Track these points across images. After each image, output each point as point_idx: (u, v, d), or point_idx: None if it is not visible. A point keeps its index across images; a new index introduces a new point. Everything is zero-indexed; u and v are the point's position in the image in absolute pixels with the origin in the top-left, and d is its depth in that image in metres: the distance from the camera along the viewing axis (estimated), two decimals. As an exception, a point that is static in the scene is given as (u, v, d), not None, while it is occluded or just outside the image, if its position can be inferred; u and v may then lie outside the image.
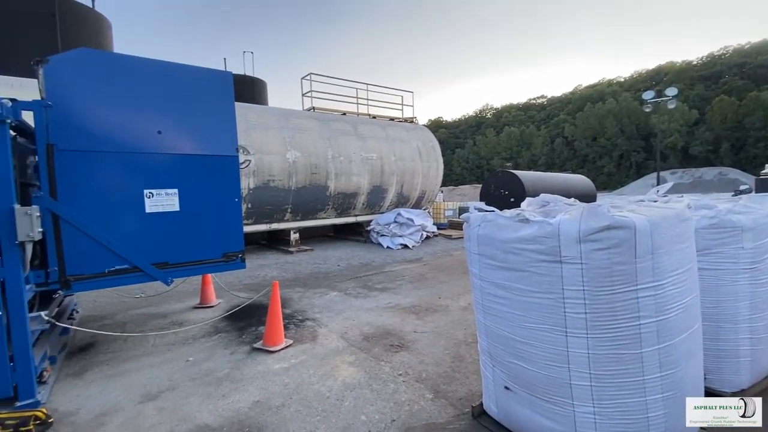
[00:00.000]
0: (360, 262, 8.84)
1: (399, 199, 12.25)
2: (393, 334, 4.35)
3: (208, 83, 3.97)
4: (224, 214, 4.03)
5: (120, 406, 3.00)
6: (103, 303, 5.73)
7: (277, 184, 9.54)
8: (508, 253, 2.15)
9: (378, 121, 12.75)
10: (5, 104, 2.77)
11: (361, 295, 6.05)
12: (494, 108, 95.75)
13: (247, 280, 7.18)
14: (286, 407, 2.92)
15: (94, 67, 3.36)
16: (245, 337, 4.36)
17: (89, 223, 3.28)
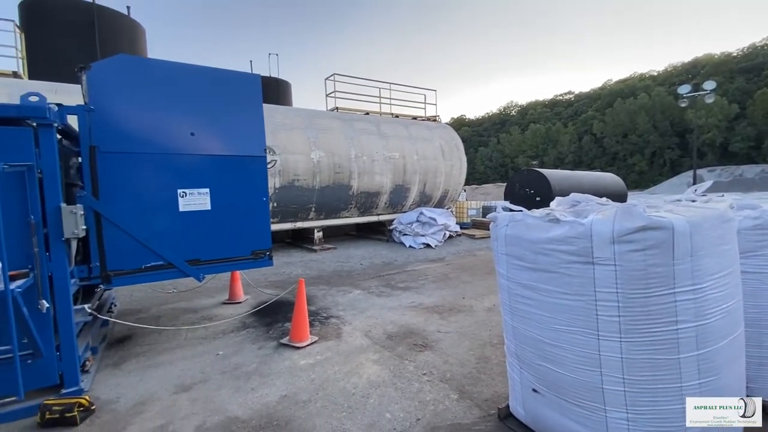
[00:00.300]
0: (382, 260, 8.88)
1: (421, 199, 12.21)
2: (416, 334, 4.35)
3: (238, 85, 4.08)
4: (253, 212, 4.14)
5: (156, 396, 3.15)
6: (139, 297, 6.00)
7: (302, 184, 9.71)
8: (538, 253, 2.11)
9: (400, 120, 12.74)
10: (52, 109, 2.94)
11: (384, 293, 6.08)
12: (519, 105, 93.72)
13: (272, 277, 7.35)
14: (313, 402, 2.98)
15: (133, 72, 3.52)
16: (272, 333, 4.47)
17: (128, 221, 3.45)
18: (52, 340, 2.96)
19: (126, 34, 11.89)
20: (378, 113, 12.77)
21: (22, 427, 2.76)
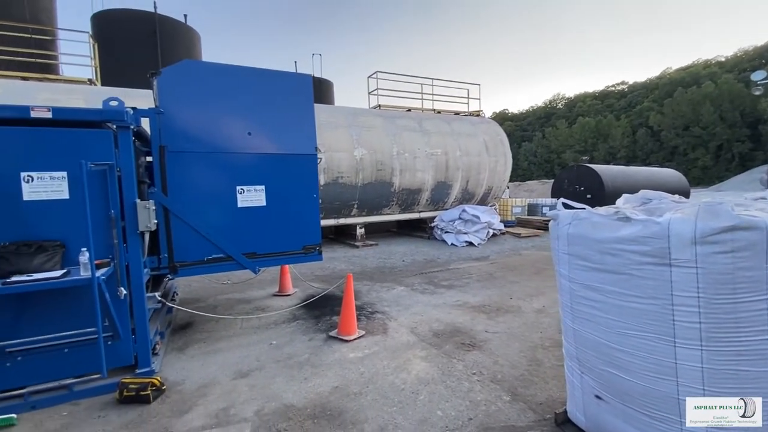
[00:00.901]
0: (424, 258, 8.84)
1: (464, 196, 12.00)
2: (463, 333, 4.29)
3: (290, 86, 4.22)
4: (304, 208, 4.28)
5: (217, 380, 3.35)
6: (197, 288, 6.41)
7: (345, 181, 9.88)
8: (605, 253, 2.00)
9: (443, 116, 12.58)
10: (129, 112, 3.20)
11: (427, 291, 6.05)
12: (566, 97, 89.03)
13: (318, 272, 7.56)
14: (364, 395, 3.04)
15: (196, 75, 3.75)
16: (321, 326, 4.60)
17: (192, 216, 3.69)
18: (128, 324, 3.24)
19: (183, 40, 12.68)
20: (420, 110, 12.69)
21: (103, 403, 3.04)
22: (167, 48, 11.68)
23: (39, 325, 2.94)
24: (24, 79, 8.07)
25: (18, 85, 7.52)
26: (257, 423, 2.71)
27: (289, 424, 2.69)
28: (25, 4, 9.84)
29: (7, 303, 2.84)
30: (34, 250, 2.82)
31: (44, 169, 2.91)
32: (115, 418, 2.82)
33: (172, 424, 2.72)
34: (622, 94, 77.87)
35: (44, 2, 10.71)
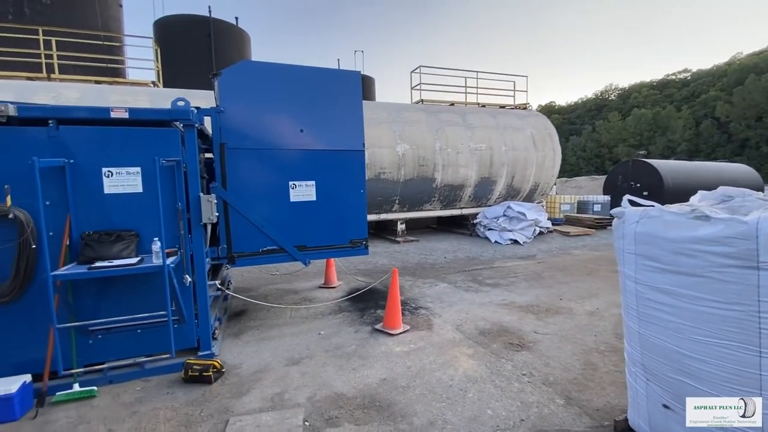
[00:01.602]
0: (466, 255, 8.70)
1: (509, 192, 11.65)
2: (511, 332, 4.19)
3: (340, 82, 4.30)
4: (352, 203, 4.36)
5: (271, 366, 3.52)
6: (249, 278, 6.75)
7: (387, 177, 9.93)
8: (679, 254, 1.87)
9: (488, 109, 12.25)
10: (194, 111, 3.42)
11: (471, 289, 5.96)
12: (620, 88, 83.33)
13: (360, 266, 7.68)
14: (411, 389, 3.06)
15: (254, 75, 3.92)
16: (366, 318, 4.68)
17: (249, 209, 3.88)
18: (192, 309, 3.48)
19: (235, 42, 13.29)
20: (464, 103, 12.44)
21: (170, 381, 3.29)
22: (220, 49, 12.31)
23: (116, 307, 3.23)
24: (97, 82, 8.84)
25: (93, 89, 8.26)
26: (310, 409, 2.82)
27: (340, 413, 2.78)
28: (98, 14, 10.77)
29: (90, 286, 3.16)
30: (114, 238, 3.10)
31: (122, 164, 3.19)
32: (182, 396, 3.05)
33: (232, 405, 2.90)
34: (684, 82, 71.66)
35: (113, 11, 11.65)
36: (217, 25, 12.61)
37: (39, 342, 2.98)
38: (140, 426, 2.68)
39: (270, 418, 2.69)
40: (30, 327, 3.00)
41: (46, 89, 7.67)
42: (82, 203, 3.09)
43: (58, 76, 8.64)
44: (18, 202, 2.89)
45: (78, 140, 3.07)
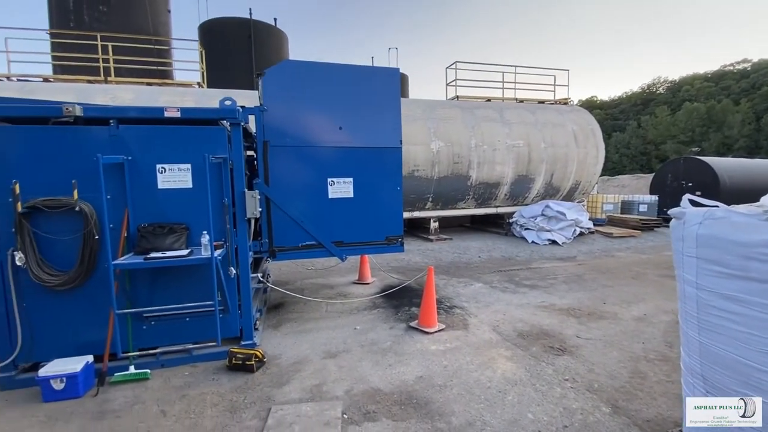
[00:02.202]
0: (502, 255, 8.51)
1: (547, 190, 11.26)
2: (551, 336, 4.06)
3: (379, 80, 4.31)
4: (388, 200, 4.37)
5: (309, 358, 3.61)
6: (286, 272, 6.95)
7: (421, 174, 9.87)
8: (750, 259, 1.73)
9: (526, 105, 11.87)
10: (240, 110, 3.54)
11: (508, 289, 5.82)
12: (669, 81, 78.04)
13: (393, 263, 7.70)
14: (449, 388, 3.04)
15: (296, 74, 4.01)
16: (400, 315, 4.69)
17: (289, 205, 3.99)
18: (236, 299, 3.63)
19: (274, 42, 13.67)
20: (501, 99, 12.12)
21: (215, 367, 3.45)
22: (260, 50, 12.71)
23: (167, 296, 3.42)
24: (148, 84, 9.39)
25: (145, 90, 8.77)
26: (348, 402, 2.87)
27: (377, 407, 2.80)
28: (149, 20, 11.42)
29: (145, 275, 3.37)
30: (166, 231, 3.28)
31: (174, 161, 3.36)
32: (226, 382, 3.19)
33: (273, 394, 3.00)
34: (743, 73, 66.09)
35: (163, 17, 12.31)
36: (257, 27, 13.02)
37: (100, 326, 3.22)
38: (189, 409, 2.83)
39: (310, 408, 2.76)
40: (92, 311, 3.24)
41: (103, 91, 8.23)
42: (139, 197, 3.30)
43: (114, 79, 9.25)
44: (83, 196, 3.12)
45: (135, 138, 3.27)
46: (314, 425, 2.56)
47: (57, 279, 3.12)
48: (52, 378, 2.93)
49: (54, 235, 3.11)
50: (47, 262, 3.13)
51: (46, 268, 3.11)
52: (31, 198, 3.04)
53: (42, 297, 3.15)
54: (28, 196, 3.03)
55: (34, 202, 3.03)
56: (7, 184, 2.98)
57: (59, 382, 2.93)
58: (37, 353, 3.20)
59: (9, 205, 3.00)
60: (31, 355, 3.19)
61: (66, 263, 3.16)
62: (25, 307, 3.13)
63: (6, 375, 3.11)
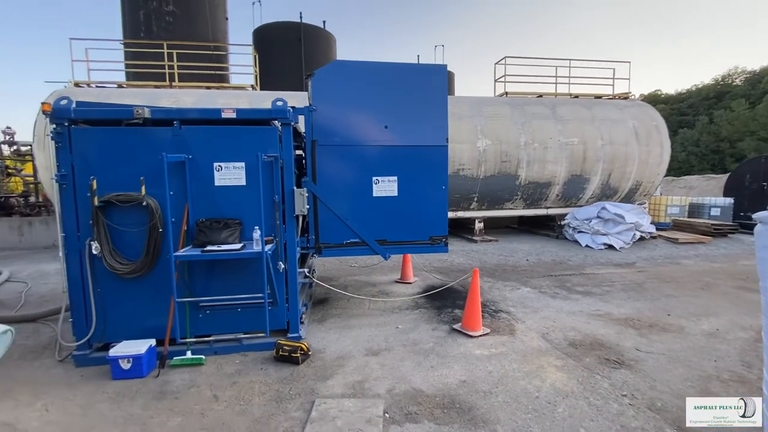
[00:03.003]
0: (552, 258, 8.09)
1: (604, 191, 10.55)
2: (607, 347, 3.79)
3: (426, 77, 4.26)
4: (433, 200, 4.31)
5: (351, 354, 3.65)
6: (330, 268, 7.10)
7: (466, 173, 9.65)
8: None
9: (581, 100, 11.19)
10: (290, 111, 3.66)
11: (558, 295, 5.52)
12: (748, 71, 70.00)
13: (436, 263, 7.60)
14: (494, 395, 2.93)
15: (344, 74, 4.07)
16: (443, 317, 4.61)
17: (335, 203, 4.07)
18: (284, 293, 3.76)
19: (322, 44, 14.03)
20: (553, 95, 11.53)
21: (263, 358, 3.60)
22: (309, 52, 13.10)
23: (221, 287, 3.62)
24: (207, 88, 10.01)
25: (204, 93, 9.36)
26: (389, 401, 2.86)
27: (419, 409, 2.77)
28: (209, 28, 12.18)
29: (202, 267, 3.58)
30: (222, 226, 3.47)
31: (229, 160, 3.54)
32: (273, 372, 3.32)
33: (317, 387, 3.07)
34: None
35: (221, 24, 13.07)
36: (307, 30, 13.42)
37: (161, 312, 3.47)
38: (239, 395, 2.97)
39: (352, 404, 2.79)
40: (155, 299, 3.50)
41: (168, 95, 8.89)
42: (197, 194, 3.52)
43: (178, 84, 9.97)
44: (148, 191, 3.38)
45: (195, 138, 3.49)
46: (356, 421, 2.58)
47: (126, 267, 3.41)
48: (120, 358, 3.20)
49: (124, 227, 3.40)
50: (118, 252, 3.44)
51: (117, 257, 3.41)
52: (105, 193, 3.34)
53: (113, 284, 3.46)
54: (103, 192, 3.33)
55: (108, 196, 3.33)
56: (87, 180, 3.30)
57: (126, 362, 3.20)
58: (109, 334, 3.52)
59: (87, 200, 3.32)
60: (103, 336, 3.52)
61: (133, 253, 3.44)
62: (99, 293, 3.46)
63: (82, 353, 3.45)
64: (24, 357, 3.68)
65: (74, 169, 3.33)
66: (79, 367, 3.43)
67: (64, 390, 3.08)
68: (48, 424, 2.66)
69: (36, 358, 3.68)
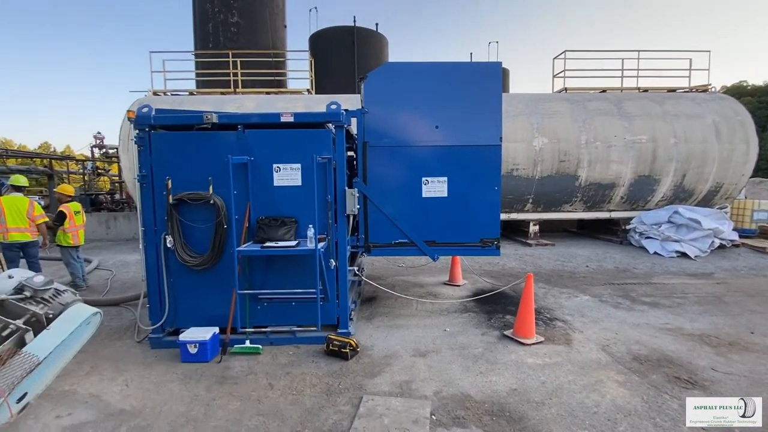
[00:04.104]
0: (615, 266, 7.53)
1: (676, 193, 9.61)
2: (677, 365, 3.46)
3: (479, 76, 4.18)
4: (485, 201, 4.21)
5: (399, 354, 3.68)
6: (378, 267, 7.20)
7: (521, 173, 9.29)
8: None
9: (651, 94, 10.28)
10: (344, 114, 3.77)
11: (621, 306, 5.13)
12: None
13: (486, 267, 7.40)
14: (546, 407, 2.81)
15: (395, 76, 4.12)
16: (493, 322, 4.48)
17: (384, 203, 4.12)
18: (334, 290, 3.88)
19: (375, 46, 14.24)
20: (619, 89, 10.71)
21: (314, 351, 3.74)
22: (362, 54, 13.37)
23: (277, 281, 3.82)
24: (267, 93, 10.59)
25: (264, 98, 9.93)
26: (436, 404, 2.85)
27: (467, 414, 2.73)
28: (269, 36, 12.88)
29: (260, 262, 3.81)
30: (279, 223, 3.67)
31: (286, 161, 3.73)
32: (324, 366, 3.44)
33: (365, 384, 3.13)
34: None
35: (280, 33, 13.76)
36: (360, 33, 13.70)
37: (224, 302, 3.74)
38: (292, 386, 3.12)
39: (399, 403, 2.81)
40: (219, 290, 3.78)
41: (232, 101, 9.55)
42: (258, 193, 3.74)
43: (241, 90, 10.65)
44: (215, 191, 3.66)
45: (257, 141, 3.72)
46: (403, 420, 2.60)
47: (195, 260, 3.72)
48: (188, 343, 3.50)
49: (193, 223, 3.72)
50: (188, 246, 3.76)
51: (187, 251, 3.73)
52: (178, 192, 3.67)
53: (183, 275, 3.79)
54: (176, 190, 3.67)
55: (181, 195, 3.66)
56: (163, 180, 3.66)
57: (193, 347, 3.50)
58: (179, 320, 3.86)
59: (163, 198, 3.67)
60: (174, 322, 3.87)
61: (201, 247, 3.75)
62: (171, 282, 3.81)
63: (156, 336, 3.83)
64: (109, 336, 4.16)
65: (153, 170, 3.70)
66: (153, 349, 3.81)
67: (141, 368, 3.44)
68: (127, 398, 2.98)
69: (119, 338, 4.14)
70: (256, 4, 12.77)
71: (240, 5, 12.50)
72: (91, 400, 2.96)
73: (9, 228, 5.52)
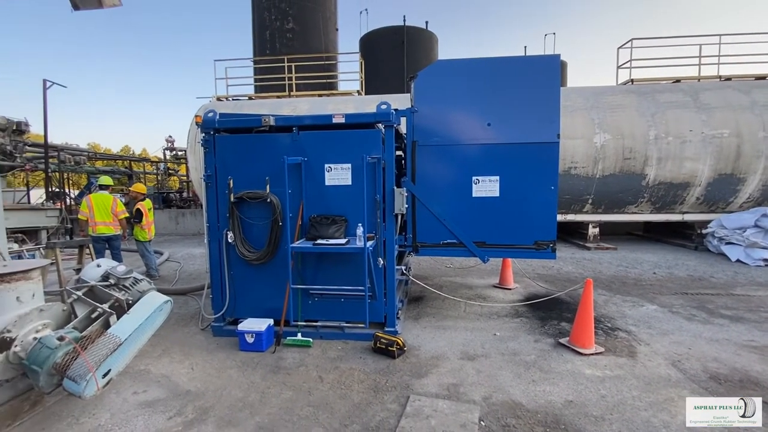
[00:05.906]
0: (688, 273, 6.83)
1: (764, 194, 8.51)
2: (763, 387, 3.06)
3: (534, 70, 3.98)
4: (539, 201, 4.01)
5: (446, 356, 3.63)
6: (425, 267, 7.15)
7: (579, 172, 8.75)
8: None
9: (735, 83, 9.19)
10: (393, 113, 3.78)
11: (696, 318, 4.64)
12: None
13: (540, 270, 7.07)
14: (607, 422, 2.62)
15: (445, 74, 4.05)
16: (547, 329, 4.27)
17: (433, 203, 4.08)
18: (382, 288, 3.91)
19: (425, 44, 14.15)
20: (696, 78, 9.70)
21: (362, 347, 3.80)
22: (412, 53, 13.35)
23: (327, 278, 3.94)
24: (319, 95, 10.94)
25: (317, 101, 10.27)
26: (485, 409, 2.77)
27: (517, 423, 2.62)
28: (322, 40, 13.30)
29: (312, 258, 3.95)
30: (330, 222, 3.77)
31: (337, 161, 3.83)
32: (371, 363, 3.49)
33: (412, 383, 3.13)
34: None
35: (332, 36, 14.15)
36: (410, 32, 13.68)
37: (278, 296, 3.93)
38: (340, 380, 3.20)
39: (446, 406, 2.77)
40: (274, 284, 3.97)
41: (288, 104, 9.99)
42: (311, 192, 3.88)
43: (295, 93, 11.11)
44: (271, 190, 3.85)
45: (310, 142, 3.85)
46: (450, 423, 2.56)
47: (253, 255, 3.94)
48: (246, 333, 3.72)
49: (252, 220, 3.94)
50: (247, 241, 3.99)
51: (246, 246, 3.97)
52: (239, 191, 3.91)
53: (242, 268, 4.04)
54: (237, 189, 3.91)
55: (241, 194, 3.90)
56: (226, 179, 3.91)
57: (250, 336, 3.71)
58: (238, 311, 4.12)
59: (225, 196, 3.93)
60: (234, 312, 4.13)
61: (259, 243, 3.96)
62: (231, 275, 4.07)
63: (218, 325, 4.11)
64: (178, 323, 4.55)
65: (216, 170, 3.98)
66: (215, 337, 4.10)
67: (204, 354, 3.72)
68: (192, 380, 3.24)
69: (185, 325, 4.51)
70: (310, 10, 13.24)
71: (295, 12, 13.03)
72: (162, 379, 3.26)
73: (97, 222, 6.23)
